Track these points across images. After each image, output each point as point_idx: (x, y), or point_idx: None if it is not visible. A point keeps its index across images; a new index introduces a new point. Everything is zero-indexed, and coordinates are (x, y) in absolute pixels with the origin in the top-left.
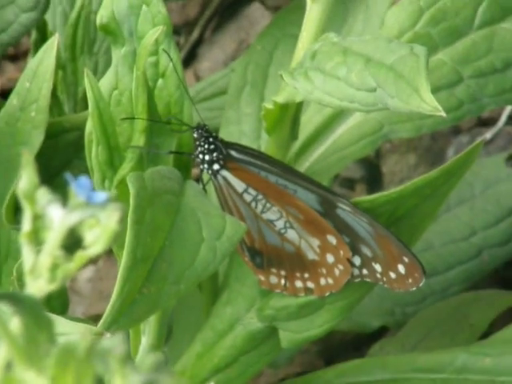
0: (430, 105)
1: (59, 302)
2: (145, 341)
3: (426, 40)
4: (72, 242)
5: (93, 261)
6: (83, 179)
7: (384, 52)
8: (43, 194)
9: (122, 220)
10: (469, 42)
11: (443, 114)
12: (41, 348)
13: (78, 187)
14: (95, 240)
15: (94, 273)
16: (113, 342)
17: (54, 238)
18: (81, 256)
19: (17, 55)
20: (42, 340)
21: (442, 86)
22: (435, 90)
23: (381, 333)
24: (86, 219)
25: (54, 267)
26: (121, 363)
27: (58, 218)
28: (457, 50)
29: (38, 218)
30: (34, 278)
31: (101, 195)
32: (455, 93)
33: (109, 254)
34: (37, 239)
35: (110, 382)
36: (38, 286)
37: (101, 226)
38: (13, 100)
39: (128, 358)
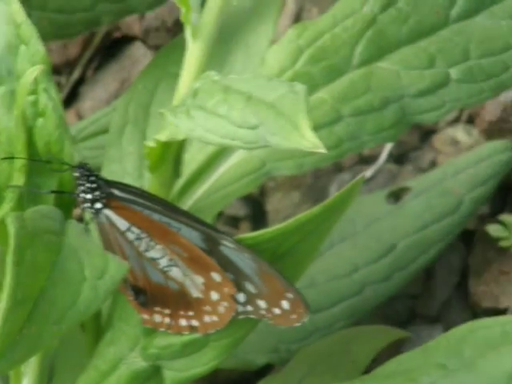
0: (310, 142)
1: None
2: (26, 382)
3: (307, 78)
4: None
5: None
6: None
7: (265, 90)
8: None
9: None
10: (347, 80)
11: (324, 150)
12: None
13: None
14: None
15: None
16: None
17: None
18: None
19: None
20: None
21: (322, 124)
22: (316, 128)
23: (267, 370)
24: None
25: None
26: None
27: None
28: (337, 89)
29: None
30: None
31: None
32: (335, 131)
33: None
34: None
35: None
36: None
37: None
38: None
39: None
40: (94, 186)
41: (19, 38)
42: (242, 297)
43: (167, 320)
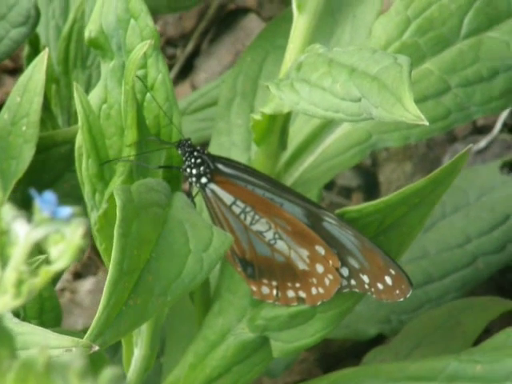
0: (412, 114)
1: (52, 315)
2: (137, 352)
3: (414, 49)
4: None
5: (93, 273)
6: (48, 194)
7: (368, 62)
8: (8, 210)
9: (87, 235)
10: (456, 51)
11: (426, 122)
12: (1, 363)
13: (43, 202)
14: (60, 255)
15: (94, 284)
16: (71, 357)
17: (19, 253)
18: (46, 271)
19: (16, 69)
20: (3, 355)
21: (429, 95)
22: (423, 99)
23: (379, 340)
24: (50, 234)
25: (20, 283)
26: (79, 378)
27: (23, 234)
28: (444, 59)
29: (3, 233)
30: (0, 294)
31: (65, 210)
32: (443, 102)
33: None
34: (2, 255)
35: None
36: (3, 302)
37: (65, 241)
38: (4, 114)
39: (86, 373)
40: (199, 161)
41: (129, 12)
42: (345, 271)
43: (275, 292)
